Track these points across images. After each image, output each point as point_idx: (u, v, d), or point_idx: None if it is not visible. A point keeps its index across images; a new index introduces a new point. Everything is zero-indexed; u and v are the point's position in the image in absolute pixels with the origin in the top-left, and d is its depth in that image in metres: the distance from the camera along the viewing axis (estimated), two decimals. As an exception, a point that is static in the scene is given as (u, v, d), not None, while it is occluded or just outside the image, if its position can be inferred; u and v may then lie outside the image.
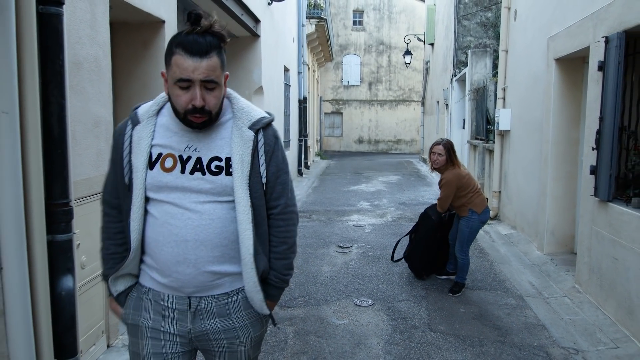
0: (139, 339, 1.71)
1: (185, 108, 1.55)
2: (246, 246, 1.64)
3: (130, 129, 1.67)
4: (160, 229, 1.63)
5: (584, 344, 3.76)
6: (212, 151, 1.64)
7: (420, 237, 5.08)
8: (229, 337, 1.72)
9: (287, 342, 3.68)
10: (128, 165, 1.66)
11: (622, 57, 4.01)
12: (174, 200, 1.62)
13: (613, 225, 4.10)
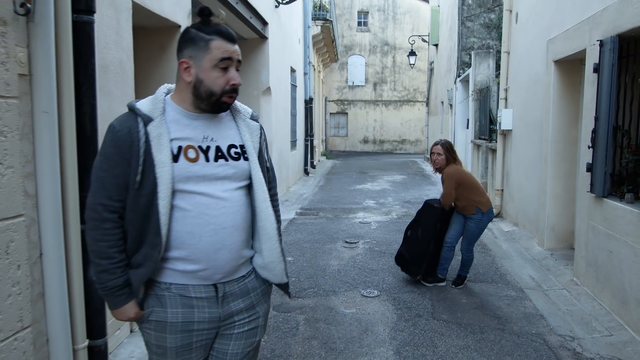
0: (167, 334, 1.76)
1: (223, 88, 1.70)
2: (270, 221, 1.83)
3: (142, 126, 1.68)
4: (197, 221, 1.70)
5: (580, 332, 3.96)
6: (227, 139, 1.80)
7: (423, 230, 4.91)
8: (251, 314, 1.87)
9: (298, 328, 3.90)
10: (143, 164, 1.66)
11: (615, 60, 4.21)
12: (205, 191, 1.72)
13: (608, 219, 4.30)
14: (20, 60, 2.38)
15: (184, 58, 1.72)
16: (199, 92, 1.72)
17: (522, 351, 3.60)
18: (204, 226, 1.71)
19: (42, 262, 2.58)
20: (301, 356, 3.46)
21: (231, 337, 1.86)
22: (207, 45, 1.68)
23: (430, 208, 4.94)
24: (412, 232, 5.01)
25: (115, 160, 1.67)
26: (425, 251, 4.87)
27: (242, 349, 1.89)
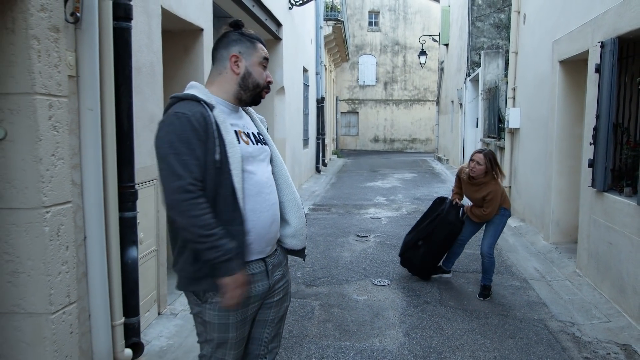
0: (231, 312, 1.93)
1: (264, 83, 2.01)
2: (297, 193, 2.11)
3: (208, 111, 1.86)
4: (257, 198, 1.92)
5: (580, 319, 4.19)
6: (253, 128, 2.08)
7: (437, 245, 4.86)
8: (284, 281, 2.13)
9: (313, 313, 4.17)
10: (218, 143, 1.83)
11: (615, 60, 4.43)
12: (257, 170, 1.96)
13: (608, 213, 4.52)
14: (69, 63, 2.67)
15: (234, 53, 1.97)
16: (246, 84, 1.98)
17: (524, 334, 3.84)
18: (262, 203, 1.93)
19: (85, 245, 2.87)
20: (317, 337, 3.73)
21: (271, 305, 2.10)
22: (254, 45, 1.99)
23: (448, 224, 4.77)
24: (424, 243, 4.88)
25: (195, 142, 1.79)
26: (438, 261, 4.99)
27: (279, 314, 2.15)
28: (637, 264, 3.94)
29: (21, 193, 2.48)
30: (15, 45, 2.39)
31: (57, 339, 2.62)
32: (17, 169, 2.46)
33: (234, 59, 1.97)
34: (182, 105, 1.85)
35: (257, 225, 1.92)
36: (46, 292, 2.56)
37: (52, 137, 2.52)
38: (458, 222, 4.79)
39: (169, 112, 1.87)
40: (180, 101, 1.88)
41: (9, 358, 2.61)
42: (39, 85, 2.44)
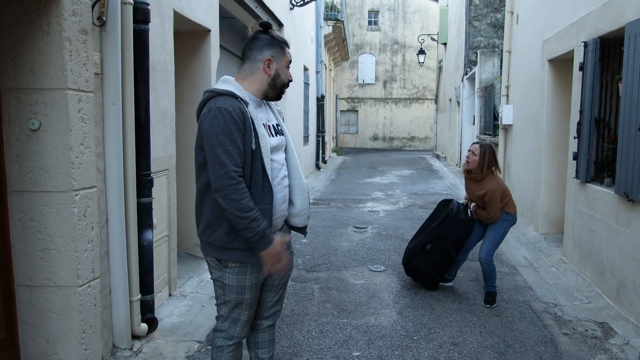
0: (247, 275, 2.27)
1: (286, 82, 2.33)
2: (303, 178, 2.43)
3: (245, 107, 2.17)
4: (274, 182, 2.25)
5: (563, 300, 4.49)
6: (273, 120, 2.39)
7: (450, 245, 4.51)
8: (288, 252, 2.38)
9: (314, 294, 4.48)
10: (254, 135, 2.16)
11: (597, 59, 4.73)
12: (276, 159, 2.30)
13: (590, 202, 4.82)
14: (95, 62, 2.97)
15: (267, 57, 2.25)
16: (275, 83, 2.29)
17: (509, 314, 4.14)
18: (277, 186, 2.27)
19: (107, 226, 3.18)
20: (317, 315, 4.03)
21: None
22: (283, 50, 2.29)
23: (460, 223, 4.49)
24: (433, 246, 4.56)
25: (236, 134, 2.10)
26: (448, 267, 4.62)
27: (282, 281, 2.49)
28: (615, 249, 4.24)
29: (53, 178, 2.78)
30: (50, 46, 2.69)
31: (83, 310, 2.92)
32: (50, 156, 2.76)
33: (267, 62, 2.24)
34: (222, 100, 2.13)
35: (274, 204, 2.25)
36: (74, 267, 2.86)
37: (80, 128, 2.83)
38: (469, 221, 4.49)
39: (211, 106, 2.13)
40: (219, 96, 2.16)
41: (39, 327, 2.92)
42: (71, 81, 2.74)
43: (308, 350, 3.43)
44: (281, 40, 2.30)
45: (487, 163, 4.23)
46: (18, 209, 2.82)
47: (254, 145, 2.16)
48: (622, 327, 3.87)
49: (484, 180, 4.27)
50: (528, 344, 3.60)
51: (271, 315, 2.54)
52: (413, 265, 4.64)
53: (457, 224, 4.50)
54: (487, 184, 4.24)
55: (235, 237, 2.20)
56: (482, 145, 4.31)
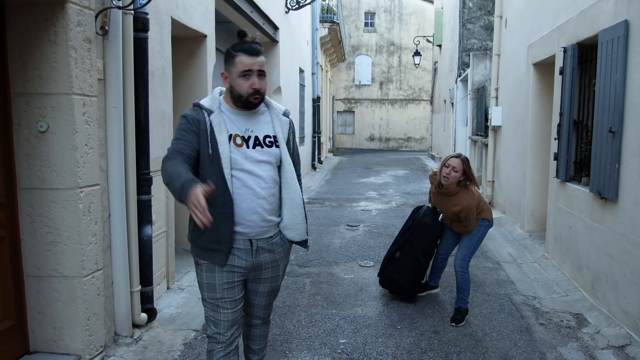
0: (216, 274, 2.35)
1: (247, 92, 2.26)
2: (298, 193, 2.45)
3: (206, 116, 2.29)
4: (240, 190, 2.29)
5: (542, 294, 4.72)
6: (263, 131, 2.39)
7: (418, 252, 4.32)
8: (274, 266, 2.48)
9: (305, 287, 4.70)
10: (211, 141, 2.24)
11: (575, 64, 4.97)
12: (248, 169, 2.30)
13: (569, 200, 5.06)
14: (98, 68, 3.20)
15: (223, 71, 2.35)
16: (233, 95, 2.32)
17: (489, 305, 4.37)
18: (243, 195, 2.29)
19: (110, 221, 3.40)
20: (307, 306, 4.26)
21: (260, 280, 2.50)
22: (234, 60, 2.26)
23: (427, 228, 4.32)
24: (402, 253, 4.38)
25: (186, 133, 2.26)
26: (424, 272, 4.44)
27: (267, 288, 2.55)
28: (590, 245, 4.48)
29: (60, 176, 3.00)
30: (57, 54, 2.92)
31: (87, 299, 3.15)
32: (57, 156, 2.98)
33: (224, 76, 2.35)
34: (189, 111, 2.34)
35: (237, 211, 2.30)
36: (79, 259, 3.08)
37: (85, 130, 3.05)
38: (436, 225, 4.31)
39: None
40: (193, 107, 2.37)
41: (47, 314, 3.14)
42: (76, 87, 2.96)
43: (297, 338, 3.66)
44: (234, 49, 2.28)
45: (469, 176, 3.94)
46: (27, 204, 3.04)
47: (210, 150, 2.25)
48: (595, 317, 4.10)
49: (457, 195, 3.93)
50: (505, 333, 3.83)
51: (261, 317, 2.66)
52: (386, 276, 4.44)
53: (424, 228, 4.30)
54: (462, 199, 3.91)
55: (198, 234, 2.30)
56: (462, 160, 3.91)
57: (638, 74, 3.62)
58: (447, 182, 3.91)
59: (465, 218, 3.95)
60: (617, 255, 3.94)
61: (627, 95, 3.77)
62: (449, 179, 3.89)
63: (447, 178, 3.89)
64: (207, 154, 2.26)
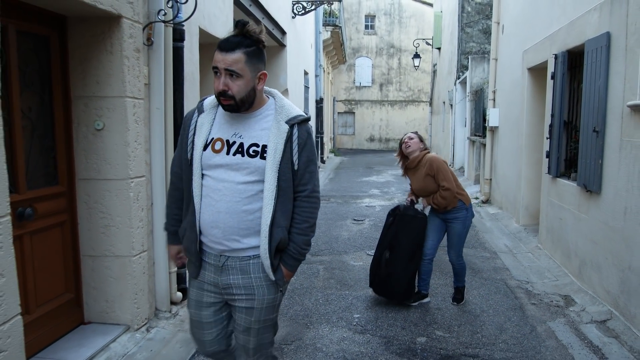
0: (191, 287, 2.23)
1: (216, 92, 1.99)
2: (265, 218, 2.02)
3: (196, 116, 2.12)
4: (205, 200, 2.07)
5: (534, 279, 5.18)
6: (252, 139, 2.04)
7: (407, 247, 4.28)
8: (247, 293, 2.10)
9: (319, 273, 5.17)
10: (191, 144, 2.08)
11: (565, 70, 5.43)
12: (216, 177, 2.04)
13: (559, 194, 5.52)
14: (145, 74, 3.65)
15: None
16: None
17: (486, 288, 4.84)
18: (206, 206, 2.06)
19: (152, 209, 3.85)
20: (322, 288, 4.72)
21: (235, 308, 2.17)
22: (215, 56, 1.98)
23: (411, 220, 4.32)
24: (391, 253, 4.33)
25: (181, 136, 2.19)
26: (413, 275, 4.35)
27: (243, 321, 2.15)
28: (578, 233, 4.94)
29: (114, 168, 3.46)
30: (112, 62, 3.37)
31: (135, 276, 3.60)
32: (112, 150, 3.44)
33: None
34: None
35: (201, 221, 2.09)
36: (129, 241, 3.53)
37: (135, 128, 3.50)
38: (420, 214, 4.35)
39: None
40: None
41: (100, 289, 3.59)
42: (128, 90, 3.42)
43: (317, 313, 4.12)
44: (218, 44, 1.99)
45: (423, 143, 4.35)
46: (84, 193, 3.50)
47: (189, 154, 2.11)
48: (581, 298, 4.56)
49: (423, 159, 4.22)
50: (500, 310, 4.29)
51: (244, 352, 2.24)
52: (379, 282, 4.34)
53: (408, 221, 4.31)
54: (428, 158, 4.21)
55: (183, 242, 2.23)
56: (414, 132, 4.43)
57: (618, 80, 4.09)
58: (411, 149, 4.26)
59: (438, 171, 4.10)
60: (600, 242, 4.40)
61: (609, 98, 4.24)
62: (411, 146, 4.27)
63: (409, 146, 4.27)
64: (186, 158, 2.12)
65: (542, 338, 3.77)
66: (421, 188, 4.28)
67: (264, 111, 2.09)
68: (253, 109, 2.07)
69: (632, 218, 3.82)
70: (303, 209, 2.12)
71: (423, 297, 4.45)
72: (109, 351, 3.32)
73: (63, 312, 3.43)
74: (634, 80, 3.79)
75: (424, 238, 4.34)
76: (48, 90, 3.27)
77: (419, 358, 3.42)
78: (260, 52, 2.01)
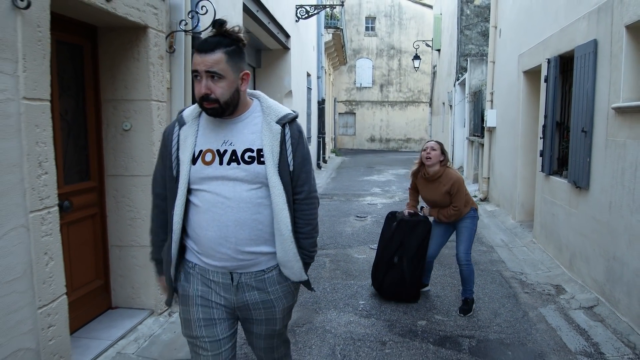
0: (189, 307, 1.99)
1: (198, 96, 1.86)
2: (285, 223, 1.93)
3: (177, 129, 1.98)
4: (205, 216, 1.90)
5: (528, 270, 5.50)
6: (245, 144, 1.92)
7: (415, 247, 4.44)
8: (266, 307, 2.04)
9: (325, 265, 5.49)
10: (176, 160, 1.94)
11: (557, 73, 5.75)
12: (215, 190, 1.89)
13: (552, 191, 5.84)
14: (167, 79, 3.97)
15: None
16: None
17: (482, 278, 5.16)
18: (210, 222, 1.90)
19: (173, 204, 4.17)
20: (329, 278, 5.04)
21: (253, 321, 2.10)
22: (193, 59, 1.88)
23: (417, 224, 4.46)
24: (399, 258, 4.48)
25: (160, 155, 2.06)
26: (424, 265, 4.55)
27: (264, 331, 2.13)
28: (568, 227, 5.26)
29: (140, 165, 3.78)
30: (139, 68, 3.69)
31: (158, 265, 3.91)
32: (138, 149, 3.76)
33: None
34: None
35: (201, 241, 1.94)
36: (153, 232, 3.85)
37: (159, 129, 3.82)
38: (425, 219, 4.49)
39: None
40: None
41: (126, 277, 3.91)
42: (154, 94, 3.74)
43: (325, 300, 4.44)
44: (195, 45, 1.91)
45: (446, 157, 4.24)
46: (113, 188, 3.82)
47: (174, 172, 1.97)
48: (571, 287, 4.88)
49: (444, 175, 4.18)
50: (495, 298, 4.61)
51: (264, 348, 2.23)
52: (389, 285, 4.45)
53: (414, 225, 4.44)
54: (449, 176, 4.17)
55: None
56: (437, 142, 4.28)
57: (604, 84, 4.41)
58: (431, 162, 4.15)
59: (457, 193, 4.12)
60: (588, 234, 4.72)
61: (596, 101, 4.56)
62: (432, 158, 4.14)
63: (429, 158, 4.14)
64: (171, 175, 1.97)
65: (533, 322, 4.08)
66: (434, 200, 4.31)
67: (250, 114, 1.98)
68: (238, 112, 1.96)
69: (616, 212, 4.14)
70: (303, 212, 2.05)
71: (424, 286, 4.71)
72: (137, 332, 3.64)
73: (94, 297, 3.75)
74: (618, 84, 4.11)
75: (428, 240, 4.46)
76: (81, 94, 3.60)
77: (419, 338, 3.74)
78: (241, 51, 1.90)
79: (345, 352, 3.51)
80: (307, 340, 3.68)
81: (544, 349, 3.61)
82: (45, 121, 2.62)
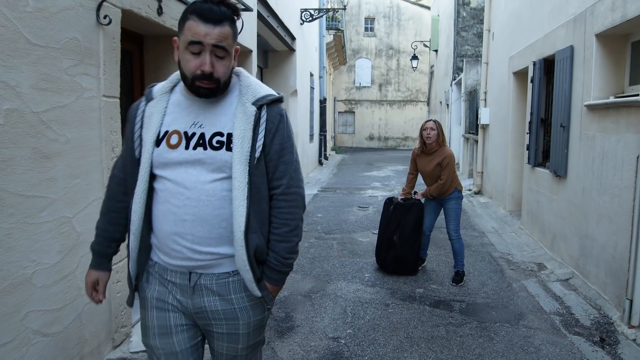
0: (147, 311, 1.74)
1: (193, 73, 1.57)
2: (237, 223, 1.61)
3: (143, 105, 1.71)
4: (161, 207, 1.65)
5: (514, 251, 6.15)
6: (215, 127, 1.64)
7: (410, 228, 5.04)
8: (228, 318, 1.71)
9: (333, 246, 6.14)
10: (139, 140, 1.68)
11: (542, 75, 6.40)
12: (176, 178, 1.62)
13: (537, 180, 6.49)
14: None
15: (174, 37, 1.68)
16: (181, 73, 1.65)
17: (473, 257, 5.80)
18: (166, 214, 1.64)
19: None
20: (337, 256, 5.69)
21: (212, 334, 1.77)
22: (183, 25, 1.59)
23: (411, 206, 5.06)
24: (398, 236, 5.06)
25: (127, 136, 1.77)
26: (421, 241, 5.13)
27: (226, 349, 1.79)
28: (550, 212, 5.91)
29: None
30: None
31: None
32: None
33: (175, 43, 1.68)
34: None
35: (159, 236, 1.69)
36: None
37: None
38: (418, 201, 5.10)
39: None
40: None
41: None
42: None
43: (334, 273, 5.09)
44: (191, 9, 1.59)
45: (443, 135, 4.92)
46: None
47: (137, 153, 1.70)
48: (551, 264, 5.53)
49: (439, 150, 4.86)
50: (484, 272, 5.26)
51: None
52: (390, 260, 5.05)
53: (408, 207, 5.07)
54: (444, 151, 4.85)
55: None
56: (435, 121, 4.92)
57: (579, 84, 5.05)
58: (431, 140, 4.83)
59: (446, 166, 4.76)
60: (566, 217, 5.37)
61: (572, 99, 5.20)
62: (431, 137, 4.82)
63: (429, 137, 4.84)
64: (133, 157, 1.72)
65: (516, 291, 4.73)
66: (427, 172, 4.96)
67: (227, 93, 1.70)
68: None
69: (587, 195, 4.79)
70: (280, 209, 1.72)
71: (422, 261, 5.38)
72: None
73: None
74: (589, 85, 4.76)
75: (422, 219, 5.10)
76: (130, 94, 4.22)
77: (417, 302, 4.39)
78: (236, 24, 1.66)
79: (355, 312, 4.15)
80: (322, 303, 4.32)
81: (522, 310, 4.25)
82: (117, 114, 3.25)
